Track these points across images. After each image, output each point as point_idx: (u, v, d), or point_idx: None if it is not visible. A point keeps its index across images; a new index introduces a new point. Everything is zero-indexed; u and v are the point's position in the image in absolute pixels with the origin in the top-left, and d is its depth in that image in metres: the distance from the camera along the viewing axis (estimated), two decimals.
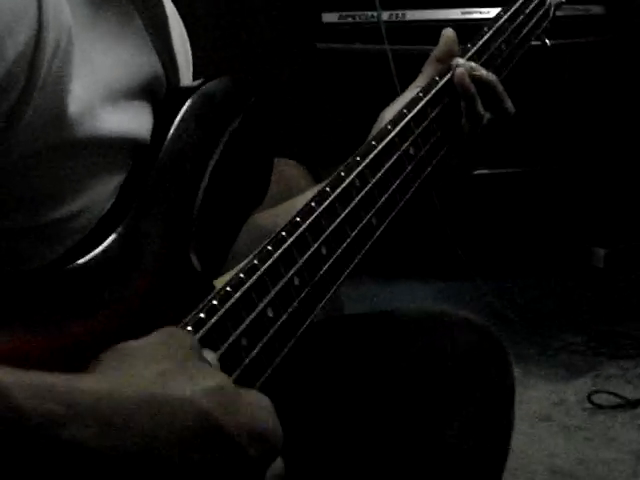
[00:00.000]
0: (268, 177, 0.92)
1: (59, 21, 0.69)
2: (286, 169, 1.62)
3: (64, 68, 0.69)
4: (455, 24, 2.58)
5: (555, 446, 2.01)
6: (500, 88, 1.07)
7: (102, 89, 0.74)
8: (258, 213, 1.00)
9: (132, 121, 0.77)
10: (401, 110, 0.99)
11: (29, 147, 0.68)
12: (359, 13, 2.58)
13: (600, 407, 2.12)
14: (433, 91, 1.04)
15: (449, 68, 1.06)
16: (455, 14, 2.59)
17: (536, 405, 2.14)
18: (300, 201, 0.87)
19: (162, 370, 0.62)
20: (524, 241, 2.80)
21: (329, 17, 2.59)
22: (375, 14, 2.51)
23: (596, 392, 2.16)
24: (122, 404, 0.59)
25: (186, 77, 0.92)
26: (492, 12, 2.50)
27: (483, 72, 1.07)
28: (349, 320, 1.15)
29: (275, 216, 1.00)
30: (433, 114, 1.02)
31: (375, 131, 1.00)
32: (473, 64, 1.07)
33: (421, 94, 1.02)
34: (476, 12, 2.57)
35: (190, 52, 0.98)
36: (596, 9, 2.56)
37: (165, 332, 0.66)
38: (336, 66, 2.64)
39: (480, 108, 1.05)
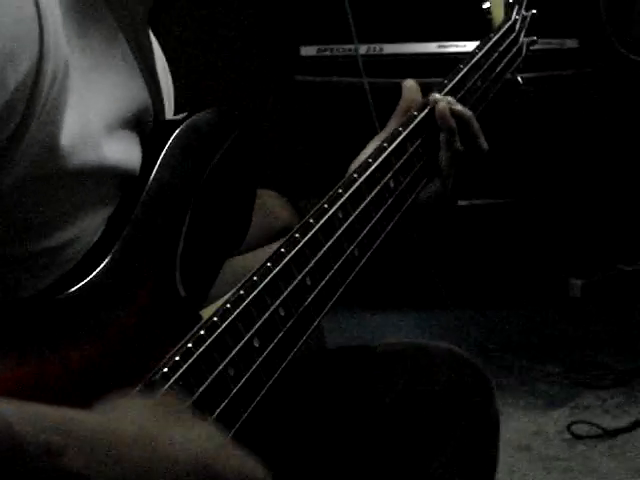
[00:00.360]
0: (251, 208, 0.92)
1: (58, 51, 0.69)
2: (268, 200, 1.62)
3: (60, 98, 0.70)
4: (431, 58, 2.63)
5: (535, 476, 2.01)
6: (475, 125, 1.08)
7: (95, 120, 0.74)
8: (241, 255, 1.00)
9: (123, 152, 0.78)
10: (381, 144, 1.00)
11: (22, 176, 0.68)
12: (337, 46, 2.60)
13: (579, 437, 2.13)
14: (412, 125, 1.05)
15: (426, 104, 1.07)
16: (431, 48, 2.61)
17: (515, 435, 2.15)
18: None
19: (156, 414, 0.64)
20: (502, 272, 2.82)
21: (307, 50, 2.61)
22: (353, 47, 2.53)
23: (575, 423, 2.16)
24: (119, 438, 0.60)
25: (168, 109, 0.93)
26: (468, 46, 2.53)
27: (460, 107, 1.08)
28: (333, 354, 1.15)
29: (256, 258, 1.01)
30: (412, 148, 1.04)
31: (354, 167, 1.00)
32: (451, 99, 1.08)
33: (400, 128, 1.03)
34: (452, 46, 2.60)
35: (171, 84, 0.98)
36: (570, 43, 2.59)
37: (150, 394, 0.69)
38: (314, 98, 2.65)
39: (458, 143, 1.06)
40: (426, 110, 1.07)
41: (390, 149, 1.00)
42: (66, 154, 0.70)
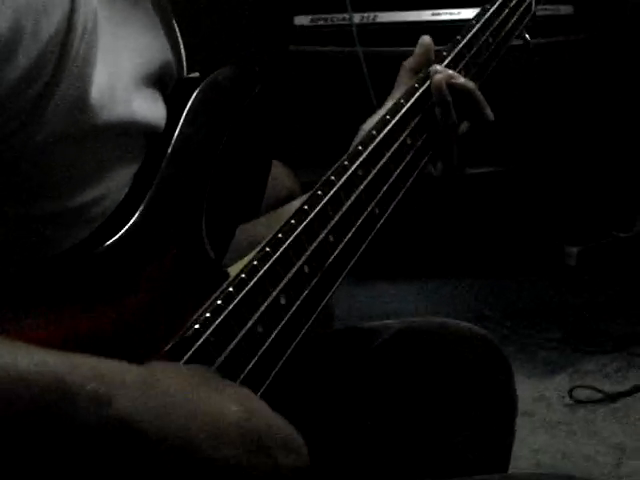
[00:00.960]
0: (269, 165, 0.93)
1: (87, 4, 0.68)
2: (272, 168, 1.62)
3: (89, 52, 0.69)
4: (425, 25, 2.61)
5: (538, 441, 2.02)
6: (478, 96, 1.06)
7: (123, 75, 0.74)
8: (250, 222, 1.00)
9: (149, 108, 0.77)
10: (384, 116, 0.98)
11: (53, 131, 0.67)
12: (331, 16, 2.59)
13: (581, 402, 2.14)
14: (413, 99, 1.02)
15: (428, 75, 1.05)
16: (426, 15, 2.60)
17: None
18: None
19: (192, 376, 0.65)
20: (499, 241, 2.82)
21: (301, 20, 2.60)
22: (347, 16, 2.51)
23: (576, 387, 2.17)
24: (164, 390, 0.61)
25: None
26: (463, 13, 2.52)
27: (461, 80, 1.05)
28: (350, 332, 1.15)
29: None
30: (414, 122, 1.01)
31: (358, 140, 0.99)
32: (451, 72, 1.05)
33: (402, 101, 1.01)
34: (446, 13, 2.58)
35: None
36: (565, 9, 2.58)
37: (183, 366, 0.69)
38: (309, 68, 2.64)
39: (453, 116, 1.03)
40: (427, 83, 1.04)
41: (394, 122, 0.98)
42: (96, 109, 0.69)
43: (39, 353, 0.57)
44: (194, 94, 0.81)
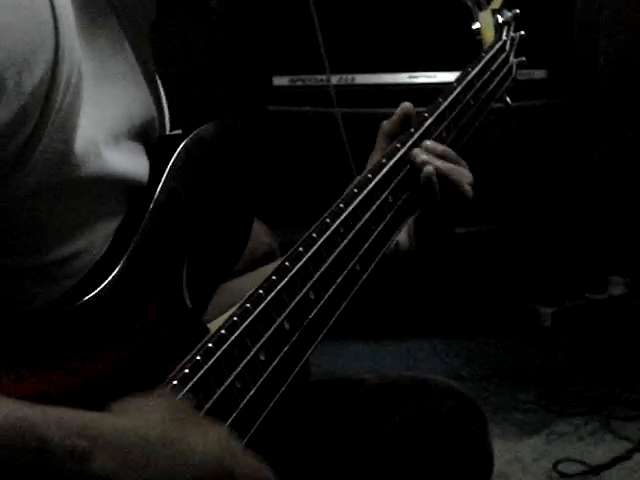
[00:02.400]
0: (251, 219, 0.93)
1: (72, 56, 0.68)
2: None
3: (74, 105, 0.69)
4: (402, 88, 2.65)
5: None
6: (455, 176, 1.01)
7: (106, 127, 0.74)
8: (229, 280, 1.00)
9: (131, 162, 0.77)
10: (366, 174, 0.98)
11: (35, 185, 0.67)
12: (309, 77, 2.62)
13: (566, 476, 2.11)
14: (395, 158, 1.01)
15: (409, 137, 1.03)
16: (402, 78, 2.64)
17: None
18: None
19: (175, 418, 0.65)
20: (474, 301, 2.83)
21: (280, 80, 2.63)
22: (325, 78, 2.54)
23: (561, 462, 2.14)
24: (145, 442, 0.61)
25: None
26: (439, 76, 2.56)
27: (440, 163, 1.01)
28: (325, 385, 1.14)
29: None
30: (396, 181, 1.00)
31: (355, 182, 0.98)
32: (439, 162, 1.01)
33: (384, 160, 1.00)
34: (423, 76, 2.63)
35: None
36: (539, 73, 2.63)
37: (162, 395, 0.69)
38: (287, 128, 2.67)
39: (439, 200, 1.00)
40: (407, 168, 1.02)
41: (376, 179, 0.98)
42: (78, 162, 0.69)
43: (17, 407, 0.57)
44: (178, 150, 0.81)
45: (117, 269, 0.73)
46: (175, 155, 0.80)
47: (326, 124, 2.51)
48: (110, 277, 0.72)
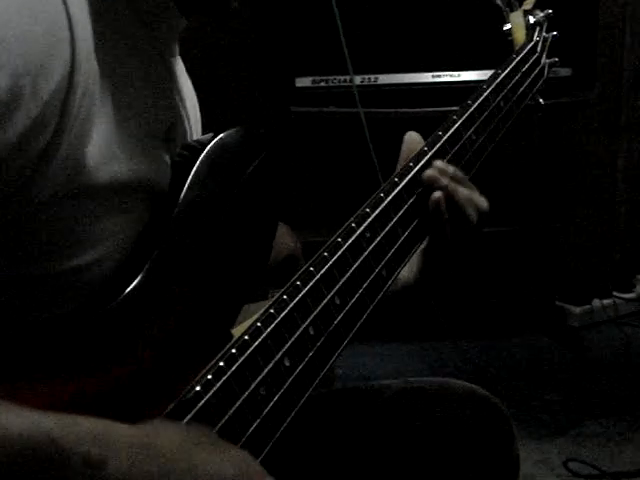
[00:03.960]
0: (275, 226, 0.92)
1: (89, 62, 0.68)
2: None
3: (91, 111, 0.69)
4: (426, 87, 2.63)
5: None
6: (461, 203, 0.97)
7: (124, 134, 0.73)
8: None
9: (151, 169, 0.77)
10: (392, 178, 0.96)
11: (53, 193, 0.67)
12: (332, 77, 2.61)
13: (577, 475, 2.09)
14: (421, 164, 0.99)
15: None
16: (426, 78, 2.62)
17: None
18: None
19: (191, 437, 0.64)
20: (501, 301, 2.81)
21: (303, 81, 2.62)
22: (348, 78, 2.54)
23: (571, 460, 2.12)
24: (159, 453, 0.60)
25: (195, 129, 0.92)
26: (463, 75, 2.55)
27: (444, 183, 0.97)
28: (351, 392, 1.13)
29: None
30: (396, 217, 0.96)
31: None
32: (440, 181, 0.97)
33: (412, 164, 0.98)
34: (447, 76, 2.61)
35: (197, 107, 0.98)
36: (564, 71, 2.61)
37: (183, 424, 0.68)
38: (310, 129, 2.66)
39: (448, 231, 0.98)
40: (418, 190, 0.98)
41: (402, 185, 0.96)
42: (96, 169, 0.69)
43: (32, 414, 0.56)
44: (200, 157, 0.80)
45: (139, 277, 0.73)
46: (198, 162, 0.80)
47: (349, 125, 2.51)
48: (132, 285, 0.72)
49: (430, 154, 1.00)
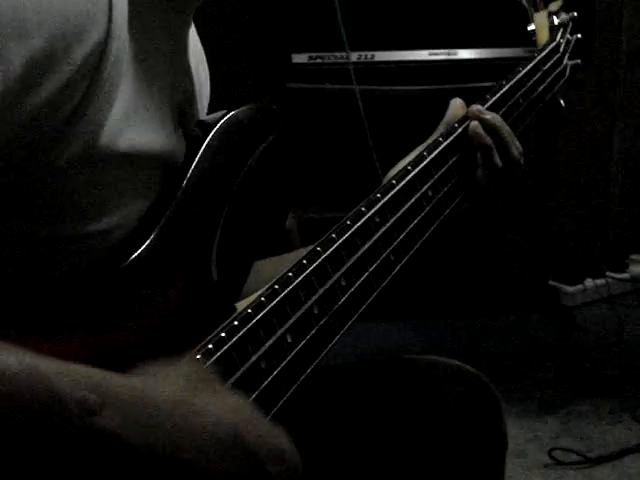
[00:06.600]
0: (287, 204, 0.93)
1: (122, 32, 0.70)
2: None
3: (117, 80, 0.70)
4: (423, 65, 2.63)
5: None
6: (504, 134, 1.06)
7: (144, 106, 0.75)
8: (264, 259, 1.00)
9: (165, 141, 0.78)
10: (421, 152, 1.00)
11: (70, 156, 0.68)
12: (328, 54, 2.61)
13: (561, 463, 2.09)
14: (452, 137, 1.04)
15: (467, 116, 1.06)
16: (423, 55, 2.62)
17: (510, 441, 2.13)
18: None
19: (191, 384, 0.65)
20: (494, 279, 2.83)
21: (299, 58, 2.61)
22: (344, 55, 2.53)
23: (554, 449, 2.11)
24: (155, 404, 0.61)
25: (203, 106, 0.94)
26: (460, 53, 2.55)
27: (488, 117, 1.06)
28: (341, 369, 1.14)
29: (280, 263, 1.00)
30: (451, 161, 1.02)
31: (392, 174, 1.00)
32: (484, 113, 1.06)
33: (441, 139, 1.03)
34: (443, 53, 2.61)
35: (208, 82, 1.00)
36: None
37: (185, 363, 0.68)
38: (306, 105, 2.66)
39: (497, 159, 1.04)
40: (466, 123, 1.06)
41: (429, 159, 0.99)
42: (115, 137, 0.70)
43: (31, 357, 0.57)
44: (212, 131, 0.82)
45: (146, 243, 0.74)
46: (209, 137, 0.81)
47: (345, 101, 2.50)
48: (138, 250, 0.73)
49: (444, 145, 1.03)
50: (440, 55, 2.60)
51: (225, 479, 0.63)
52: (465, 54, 2.56)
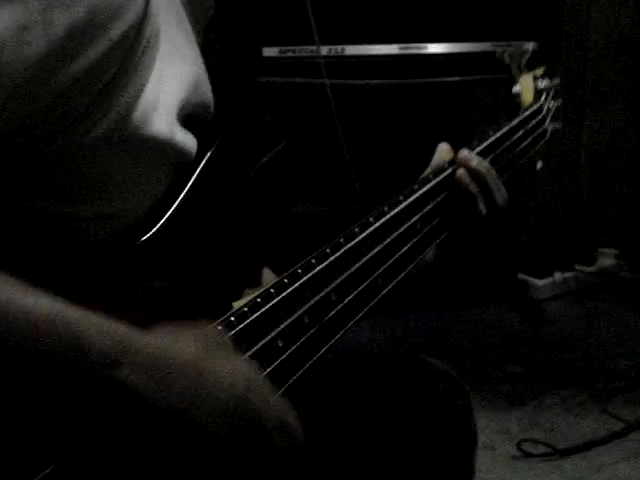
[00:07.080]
0: (288, 213, 0.96)
1: (157, 16, 0.72)
2: None
3: (149, 64, 0.72)
4: (393, 59, 2.63)
5: (501, 475, 2.02)
6: (489, 181, 1.09)
7: (167, 98, 0.77)
8: None
9: (183, 134, 0.80)
10: (397, 196, 1.02)
11: (94, 136, 0.70)
12: (299, 47, 2.60)
13: (530, 455, 2.10)
14: (427, 187, 1.05)
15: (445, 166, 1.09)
16: (393, 49, 2.62)
17: (479, 434, 2.15)
18: None
19: (208, 347, 0.67)
20: (463, 272, 2.84)
21: (270, 51, 2.61)
22: (315, 49, 2.53)
23: (525, 441, 2.12)
24: (174, 363, 0.63)
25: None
26: (430, 47, 2.55)
27: (474, 163, 1.08)
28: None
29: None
30: (427, 209, 1.04)
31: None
32: (471, 160, 1.09)
33: (416, 187, 1.04)
34: (414, 47, 2.61)
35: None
36: (529, 45, 2.62)
37: (202, 326, 0.71)
38: (277, 99, 2.66)
39: (481, 207, 1.07)
40: (453, 167, 1.09)
41: (419, 193, 1.03)
42: (139, 123, 0.72)
43: (62, 303, 0.59)
44: (222, 134, 0.86)
45: (151, 232, 0.77)
46: (219, 140, 0.85)
47: (316, 95, 2.50)
48: (144, 238, 0.76)
49: (433, 182, 1.06)
50: (411, 49, 2.61)
51: (229, 445, 0.65)
52: (435, 48, 2.56)
